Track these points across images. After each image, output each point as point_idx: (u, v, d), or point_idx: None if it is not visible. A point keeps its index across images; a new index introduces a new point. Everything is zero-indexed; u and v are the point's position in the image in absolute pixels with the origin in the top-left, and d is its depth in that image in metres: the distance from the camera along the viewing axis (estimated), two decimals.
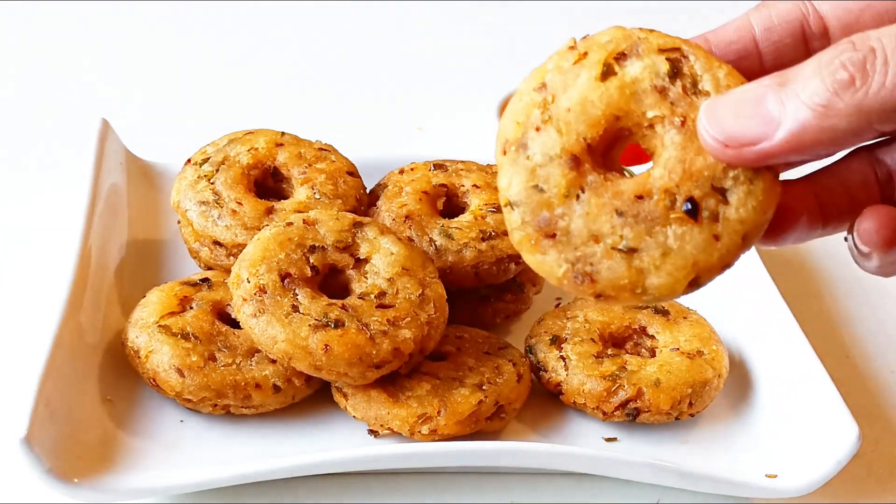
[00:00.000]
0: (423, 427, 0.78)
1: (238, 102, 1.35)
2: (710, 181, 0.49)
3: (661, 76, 0.50)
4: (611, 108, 0.50)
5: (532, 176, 0.50)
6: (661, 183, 0.49)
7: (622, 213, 0.49)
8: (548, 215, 0.50)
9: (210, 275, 0.87)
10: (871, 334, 1.01)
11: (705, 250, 0.49)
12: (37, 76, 1.37)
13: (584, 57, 0.52)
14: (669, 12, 1.75)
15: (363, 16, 1.62)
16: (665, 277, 0.49)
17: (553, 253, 0.50)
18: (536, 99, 0.52)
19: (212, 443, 0.79)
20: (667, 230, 0.49)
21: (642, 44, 0.52)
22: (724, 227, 0.48)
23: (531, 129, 0.51)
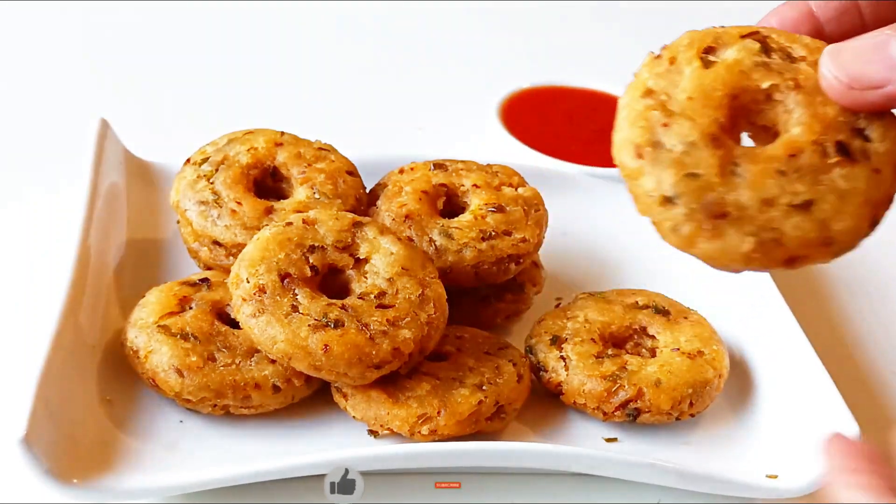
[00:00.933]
0: (423, 427, 0.77)
1: (238, 102, 1.35)
2: (847, 125, 0.50)
3: (757, 53, 0.52)
4: (727, 87, 0.51)
5: (681, 166, 0.49)
6: (805, 137, 0.49)
7: (784, 172, 0.49)
8: (713, 196, 0.49)
9: (209, 275, 0.87)
10: (871, 334, 1.01)
11: (875, 185, 0.49)
12: (36, 76, 1.36)
13: (673, 60, 0.52)
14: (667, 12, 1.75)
15: (363, 16, 1.62)
16: (849, 219, 0.49)
17: (731, 232, 0.49)
18: (649, 103, 0.51)
19: (211, 443, 0.78)
20: (832, 175, 0.49)
21: (723, 35, 0.53)
22: (878, 160, 0.49)
23: (658, 127, 0.50)
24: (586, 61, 1.57)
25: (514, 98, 1.28)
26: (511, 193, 0.93)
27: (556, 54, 1.58)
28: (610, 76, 1.38)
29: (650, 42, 1.77)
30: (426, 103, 1.40)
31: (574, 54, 1.59)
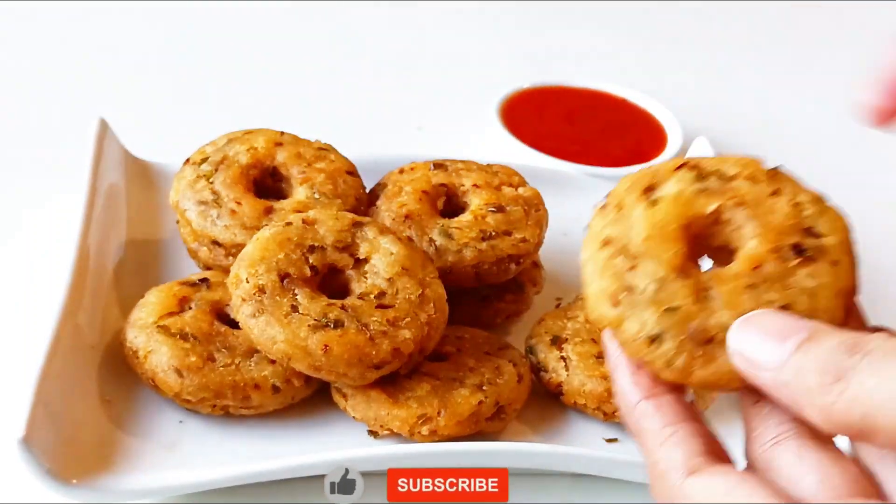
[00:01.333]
0: (423, 428, 0.77)
1: (237, 102, 1.34)
2: (796, 228, 0.52)
3: (694, 181, 0.54)
4: (678, 219, 0.53)
5: (658, 303, 0.51)
6: (763, 248, 0.52)
7: (753, 285, 0.51)
8: (696, 323, 0.50)
9: (209, 275, 0.87)
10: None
11: (836, 276, 0.51)
12: (35, 75, 1.36)
13: (620, 207, 0.54)
14: (667, 12, 1.75)
15: (363, 16, 1.62)
16: (825, 314, 0.50)
17: (722, 353, 0.50)
18: (610, 252, 0.53)
19: (211, 443, 0.78)
20: (798, 277, 0.51)
21: (657, 172, 0.55)
22: (834, 252, 0.52)
23: (626, 273, 0.52)
24: (586, 61, 1.57)
25: (514, 98, 1.28)
26: (511, 193, 0.93)
27: (556, 54, 1.58)
28: (610, 76, 1.38)
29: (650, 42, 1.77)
30: (426, 103, 1.40)
31: (574, 54, 1.59)
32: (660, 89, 1.39)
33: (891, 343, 0.43)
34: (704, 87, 1.53)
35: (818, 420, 0.44)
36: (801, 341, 0.45)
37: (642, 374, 0.51)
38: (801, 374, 0.44)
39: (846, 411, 0.42)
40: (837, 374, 0.43)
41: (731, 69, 1.59)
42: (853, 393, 0.42)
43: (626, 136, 1.28)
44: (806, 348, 0.45)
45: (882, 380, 0.41)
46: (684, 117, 1.28)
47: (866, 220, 1.23)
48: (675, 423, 0.50)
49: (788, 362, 0.45)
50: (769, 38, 1.72)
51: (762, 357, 0.46)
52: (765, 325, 0.48)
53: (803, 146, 1.38)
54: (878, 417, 0.41)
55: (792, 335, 0.46)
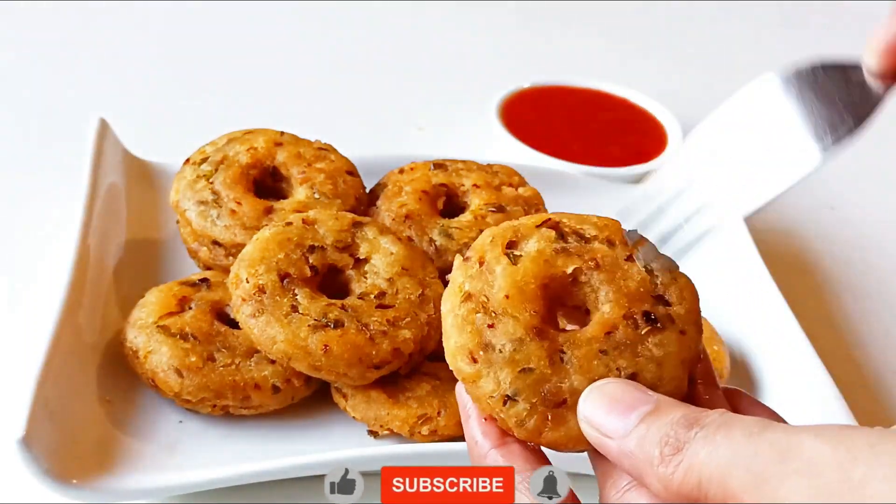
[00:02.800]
0: (423, 427, 0.77)
1: (237, 102, 1.35)
2: (648, 294, 0.54)
3: (555, 240, 0.56)
4: (538, 279, 0.54)
5: (514, 363, 0.52)
6: (615, 313, 0.54)
7: (605, 350, 0.53)
8: (549, 386, 0.52)
9: (209, 275, 0.87)
10: (872, 334, 1.01)
11: (682, 345, 0.53)
12: (35, 75, 1.36)
13: (482, 260, 0.56)
14: (667, 12, 1.75)
15: (363, 16, 1.62)
16: (669, 383, 0.52)
17: (572, 417, 0.52)
18: (471, 307, 0.54)
19: (211, 443, 0.78)
20: (647, 345, 0.53)
21: (520, 228, 0.57)
22: (681, 321, 0.54)
23: (486, 330, 0.53)
24: (586, 61, 1.57)
25: (514, 98, 1.28)
26: (511, 193, 0.93)
27: (556, 54, 1.58)
28: (610, 76, 1.38)
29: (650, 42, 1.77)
30: (426, 103, 1.40)
31: (574, 54, 1.59)
32: (660, 89, 1.39)
33: (724, 418, 0.44)
34: (704, 87, 1.53)
35: (658, 489, 0.45)
36: (645, 414, 0.47)
37: (492, 425, 0.53)
38: (644, 444, 0.46)
39: (682, 482, 0.44)
40: (676, 446, 0.45)
41: (732, 69, 1.59)
42: (688, 463, 0.44)
43: (626, 136, 1.28)
44: (649, 421, 0.47)
45: (711, 451, 0.43)
46: (684, 117, 1.28)
47: (866, 220, 1.23)
48: (524, 469, 0.52)
49: (632, 433, 0.47)
50: (769, 37, 1.72)
51: (608, 426, 0.48)
52: (612, 395, 0.49)
53: None
54: (710, 488, 0.43)
55: (637, 407, 0.48)
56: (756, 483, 0.41)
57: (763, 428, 0.42)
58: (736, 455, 0.42)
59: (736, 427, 0.43)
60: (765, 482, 0.41)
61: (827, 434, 0.41)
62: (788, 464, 0.40)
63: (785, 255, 1.12)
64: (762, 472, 0.41)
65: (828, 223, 1.20)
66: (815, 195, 1.24)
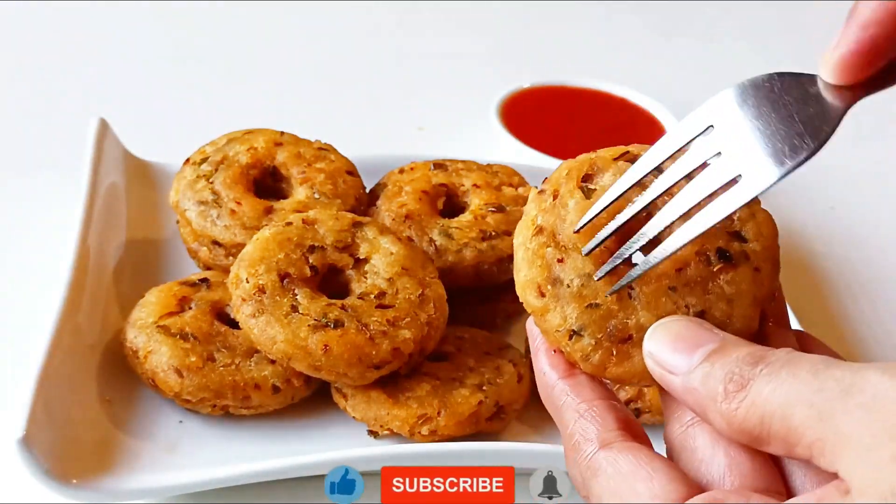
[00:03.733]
0: (423, 428, 0.77)
1: (237, 102, 1.34)
2: (724, 231, 0.53)
3: None
4: (610, 214, 0.53)
5: (581, 299, 0.52)
6: (688, 249, 0.52)
7: (674, 287, 0.52)
8: (615, 322, 0.51)
9: (209, 275, 0.87)
10: (872, 335, 1.01)
11: (756, 284, 0.52)
12: (35, 75, 1.36)
13: (556, 194, 0.55)
14: (667, 12, 1.75)
15: (363, 16, 1.62)
16: (739, 321, 0.51)
17: (637, 353, 0.51)
18: (541, 241, 0.53)
19: (211, 443, 0.78)
20: (718, 282, 0.52)
21: (597, 161, 0.56)
22: (756, 259, 0.53)
23: (555, 264, 0.53)
24: (586, 61, 1.57)
25: (514, 98, 1.28)
26: (511, 193, 0.93)
27: (556, 54, 1.58)
28: (610, 76, 1.38)
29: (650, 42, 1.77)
30: (426, 103, 1.40)
31: (574, 54, 1.59)
32: (660, 89, 1.39)
33: (790, 356, 0.44)
34: (704, 86, 1.52)
35: (721, 425, 0.45)
36: (710, 352, 0.47)
37: (560, 357, 0.53)
38: (708, 381, 0.46)
39: (745, 418, 0.44)
40: (741, 383, 0.45)
41: (732, 69, 1.59)
42: (751, 399, 0.44)
43: (626, 136, 1.28)
44: (714, 358, 0.46)
45: (776, 387, 0.43)
46: (684, 117, 1.28)
47: (866, 220, 1.23)
48: (592, 399, 0.51)
49: (696, 370, 0.47)
50: (769, 37, 1.72)
51: (673, 363, 0.48)
52: (678, 333, 0.49)
53: None
54: (772, 424, 0.43)
55: (702, 345, 0.47)
56: (820, 417, 0.41)
57: (828, 365, 0.42)
58: (800, 391, 0.42)
59: (802, 364, 0.43)
60: (828, 416, 0.40)
61: (893, 369, 0.40)
62: (851, 398, 0.40)
63: (785, 255, 1.12)
64: (825, 407, 0.41)
65: (828, 223, 1.19)
66: (815, 195, 1.24)
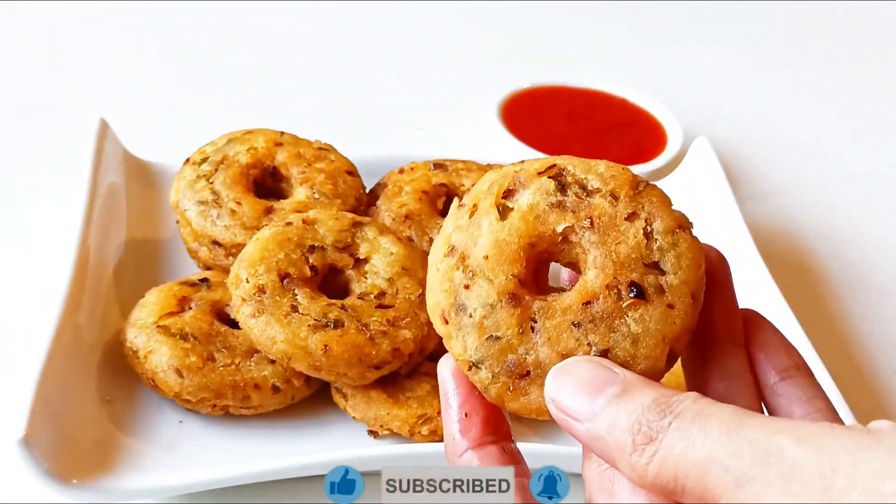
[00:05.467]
0: (423, 428, 0.77)
1: (238, 102, 1.35)
2: (640, 261, 0.51)
3: (551, 194, 0.52)
4: (523, 238, 0.52)
5: (482, 330, 0.51)
6: (599, 282, 0.51)
7: (579, 323, 0.51)
8: (514, 357, 0.51)
9: (209, 275, 0.87)
10: (872, 335, 1.01)
11: (667, 321, 0.50)
12: (35, 75, 1.36)
13: (475, 209, 0.54)
14: (667, 12, 1.75)
15: (363, 16, 1.62)
16: (643, 362, 0.50)
17: (534, 389, 0.51)
18: (451, 262, 0.53)
19: (211, 443, 0.78)
20: (626, 320, 0.50)
21: (521, 174, 0.54)
22: (672, 294, 0.51)
23: (461, 290, 0.52)
24: (586, 61, 1.57)
25: (514, 98, 1.28)
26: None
27: (556, 54, 1.58)
28: (610, 76, 1.38)
29: (650, 42, 1.77)
30: (426, 103, 1.40)
31: (574, 54, 1.59)
32: (660, 89, 1.39)
33: (698, 406, 0.44)
34: (704, 87, 1.53)
35: (633, 477, 0.45)
36: (613, 396, 0.46)
37: (472, 421, 0.52)
38: (614, 431, 0.45)
39: (657, 474, 0.43)
40: (649, 435, 0.44)
41: (732, 69, 1.59)
42: (663, 455, 0.43)
43: (626, 136, 1.28)
44: (618, 404, 0.46)
45: (687, 445, 0.43)
46: (684, 117, 1.28)
47: (866, 220, 1.23)
48: None
49: (601, 417, 0.46)
50: (770, 37, 1.72)
51: (575, 408, 0.47)
52: (579, 376, 0.48)
53: (803, 146, 1.38)
54: (686, 482, 0.42)
55: (605, 389, 0.47)
56: (736, 483, 0.41)
57: (741, 424, 0.42)
58: (714, 453, 0.42)
59: (712, 421, 0.43)
60: (746, 484, 0.40)
61: (807, 439, 0.40)
62: (771, 468, 0.40)
63: (785, 255, 1.12)
64: (742, 473, 0.41)
65: (828, 223, 1.19)
66: (815, 195, 1.24)
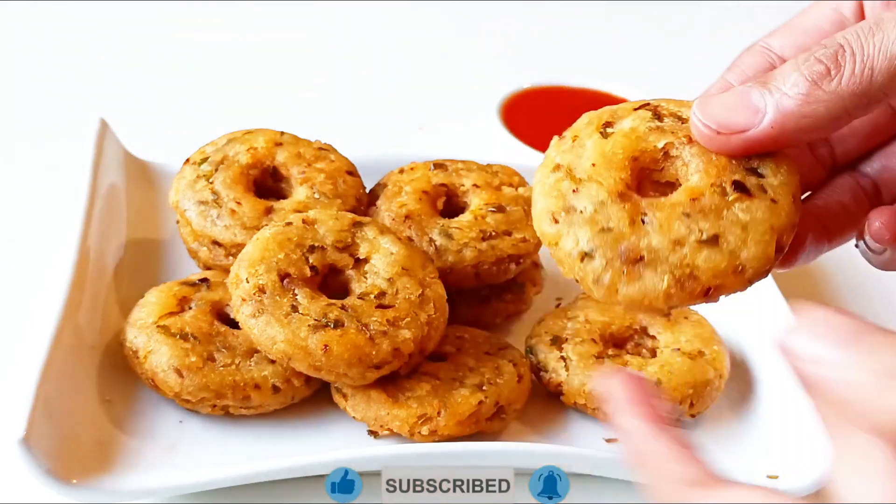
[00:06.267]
0: (423, 428, 0.77)
1: (238, 102, 1.34)
2: (741, 166, 0.53)
3: (650, 119, 0.55)
4: (627, 150, 0.54)
5: (594, 224, 0.53)
6: (704, 182, 0.53)
7: (688, 214, 0.52)
8: (626, 244, 0.52)
9: (209, 275, 0.87)
10: None
11: (774, 213, 0.52)
12: (35, 75, 1.36)
13: (576, 137, 0.56)
14: (667, 12, 1.75)
15: (363, 16, 1.62)
16: (755, 247, 0.52)
17: (649, 273, 0.52)
18: (559, 175, 0.55)
19: (211, 443, 0.78)
20: (734, 210, 0.52)
21: (618, 111, 0.57)
22: (775, 192, 0.53)
23: (569, 195, 0.54)
24: (586, 61, 1.57)
25: (514, 98, 1.28)
26: (511, 193, 0.93)
27: (556, 54, 1.58)
28: (610, 76, 1.38)
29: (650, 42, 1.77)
30: (426, 103, 1.40)
31: (574, 54, 1.59)
32: (660, 89, 1.39)
33: None
34: (704, 87, 1.52)
35: None
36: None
37: (647, 412, 0.51)
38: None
39: None
40: None
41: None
42: None
43: None
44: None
45: None
46: None
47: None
48: None
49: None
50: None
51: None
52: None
53: None
54: None
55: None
56: None
57: None
58: None
59: None
60: None
61: None
62: None
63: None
64: None
65: None
66: None
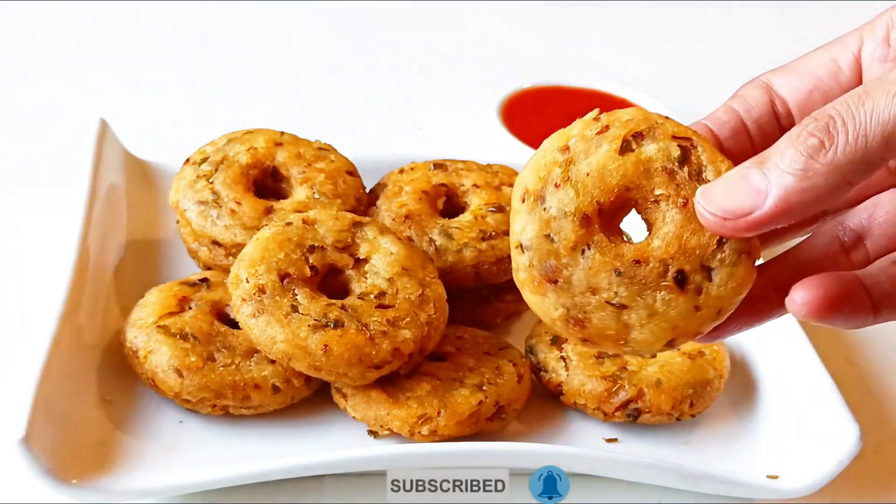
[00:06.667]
0: (423, 428, 0.77)
1: (238, 102, 1.35)
2: (699, 259, 0.54)
3: (672, 160, 0.55)
4: (625, 179, 0.55)
5: (545, 226, 0.55)
6: (658, 253, 0.54)
7: (620, 272, 0.54)
8: (553, 263, 0.54)
9: (209, 275, 0.87)
10: (872, 336, 1.01)
11: (685, 318, 0.54)
12: (36, 76, 1.36)
13: (605, 129, 0.56)
14: (667, 12, 1.75)
15: (363, 16, 1.62)
16: (647, 335, 0.54)
17: (552, 296, 0.54)
18: (559, 158, 0.55)
19: (211, 443, 0.78)
20: (656, 294, 0.54)
21: (659, 128, 0.56)
22: (705, 300, 0.54)
23: (550, 185, 0.55)
24: (586, 61, 1.57)
25: (514, 98, 1.28)
26: (511, 193, 0.93)
27: (556, 54, 1.58)
28: (610, 76, 1.38)
29: (650, 42, 1.77)
30: (426, 103, 1.40)
31: (574, 54, 1.59)
32: (660, 89, 1.39)
33: None
34: (704, 86, 1.53)
35: None
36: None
37: None
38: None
39: None
40: None
41: (732, 69, 1.59)
42: None
43: None
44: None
45: None
46: (684, 117, 1.28)
47: None
48: None
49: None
50: (770, 37, 1.72)
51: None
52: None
53: None
54: None
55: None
56: None
57: None
58: None
59: None
60: None
61: None
62: None
63: None
64: None
65: None
66: None
